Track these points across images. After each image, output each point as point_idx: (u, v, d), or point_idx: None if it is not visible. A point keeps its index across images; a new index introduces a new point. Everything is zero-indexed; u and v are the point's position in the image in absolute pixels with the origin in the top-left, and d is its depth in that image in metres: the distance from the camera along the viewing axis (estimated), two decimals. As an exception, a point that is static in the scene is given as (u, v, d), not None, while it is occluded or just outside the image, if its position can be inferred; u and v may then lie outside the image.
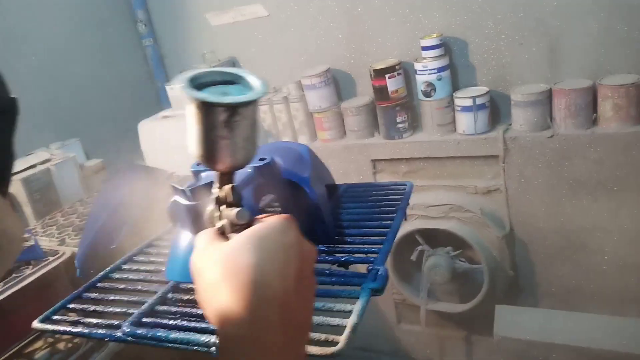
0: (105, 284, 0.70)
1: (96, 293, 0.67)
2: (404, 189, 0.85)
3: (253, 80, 0.46)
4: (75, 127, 1.82)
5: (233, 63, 2.02)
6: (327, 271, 0.62)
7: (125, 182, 1.53)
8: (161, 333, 0.54)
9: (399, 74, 1.71)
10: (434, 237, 1.77)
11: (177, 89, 2.01)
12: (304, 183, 0.66)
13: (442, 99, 1.67)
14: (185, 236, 0.58)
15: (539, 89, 1.56)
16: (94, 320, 0.59)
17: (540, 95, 1.55)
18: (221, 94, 0.43)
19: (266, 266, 0.37)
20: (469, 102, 1.62)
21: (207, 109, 0.42)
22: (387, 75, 1.69)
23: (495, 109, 1.69)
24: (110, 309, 0.62)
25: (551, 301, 1.75)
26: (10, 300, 1.10)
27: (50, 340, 1.26)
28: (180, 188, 0.56)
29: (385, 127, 1.77)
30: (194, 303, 0.60)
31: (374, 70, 1.71)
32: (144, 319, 0.57)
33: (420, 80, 1.67)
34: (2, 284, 1.13)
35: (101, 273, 0.71)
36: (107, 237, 1.35)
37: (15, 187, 1.52)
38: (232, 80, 0.47)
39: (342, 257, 0.65)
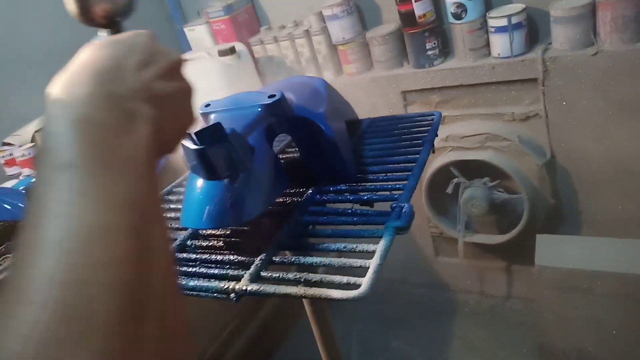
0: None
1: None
2: (432, 120, 0.79)
3: None
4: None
5: (251, -1, 1.93)
6: (349, 210, 0.59)
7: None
8: (180, 281, 0.52)
9: (426, -4, 1.59)
10: (470, 169, 1.71)
11: (196, 30, 1.95)
12: (318, 119, 0.62)
13: (474, 20, 1.55)
14: (198, 181, 0.56)
15: (581, 1, 1.42)
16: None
17: (582, 8, 1.41)
18: None
19: (106, 50, 0.38)
20: (503, 22, 1.50)
21: None
22: (413, -1, 1.58)
23: (533, 28, 1.57)
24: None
25: (595, 230, 1.68)
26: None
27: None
28: (187, 131, 0.53)
29: (414, 55, 1.67)
30: (213, 249, 0.59)
31: (399, -7, 1.60)
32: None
33: (450, 1, 1.55)
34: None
35: None
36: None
37: (45, 141, 1.53)
38: None
39: (364, 195, 0.62)
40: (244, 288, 0.49)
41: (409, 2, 1.58)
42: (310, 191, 0.64)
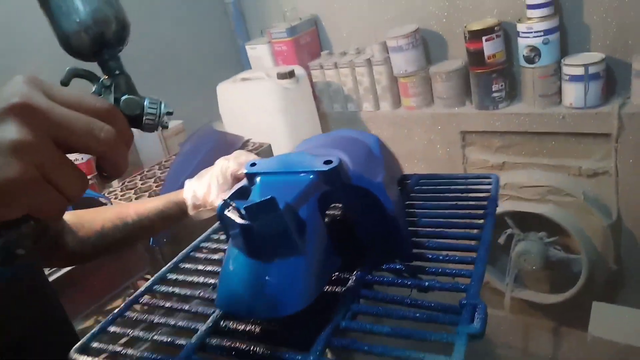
0: (150, 299, 0.64)
1: (139, 313, 0.61)
2: (490, 185, 0.71)
3: None
4: (156, 88, 1.82)
5: (315, 22, 1.90)
6: (408, 301, 0.52)
7: (201, 148, 1.50)
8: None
9: (497, 36, 1.51)
10: (526, 221, 1.61)
11: (257, 48, 1.94)
12: (377, 190, 0.56)
13: (547, 65, 1.47)
14: (238, 258, 0.50)
15: (670, 57, 1.32)
16: (137, 354, 0.53)
17: (671, 65, 1.31)
18: None
19: None
20: (580, 71, 1.41)
21: None
22: (484, 38, 1.50)
23: (611, 80, 1.46)
24: (155, 337, 0.56)
25: (658, 302, 1.55)
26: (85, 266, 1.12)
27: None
28: (233, 205, 0.48)
29: (479, 95, 1.59)
30: (250, 335, 0.53)
31: (469, 31, 1.52)
32: (194, 358, 0.51)
33: (523, 44, 1.47)
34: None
35: (144, 286, 0.66)
36: (181, 206, 1.34)
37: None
38: None
39: (425, 281, 0.55)
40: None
41: (478, 41, 1.51)
42: (359, 270, 0.59)
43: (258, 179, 0.55)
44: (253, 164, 0.56)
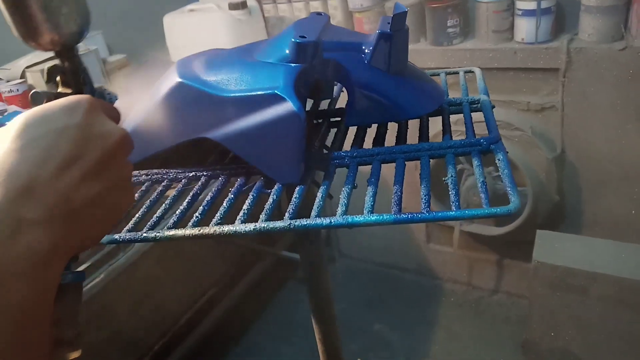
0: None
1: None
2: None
3: None
4: (98, 20, 1.68)
5: (267, -48, 1.82)
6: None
7: (150, 80, 1.42)
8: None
9: (454, -31, 1.51)
10: (475, 156, 1.65)
11: (205, -20, 1.83)
12: None
13: (501, 0, 1.48)
14: (371, 73, 0.57)
15: (616, -8, 1.36)
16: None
17: (617, 0, 1.35)
18: None
19: (23, 152, 0.31)
20: (532, 6, 1.43)
21: None
22: (441, -29, 1.50)
23: (561, 16, 1.50)
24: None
25: (595, 231, 1.65)
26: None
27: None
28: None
29: (434, 31, 1.59)
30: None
31: (426, -37, 1.51)
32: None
33: (479, -23, 1.48)
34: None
35: None
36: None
37: (36, 78, 1.43)
38: None
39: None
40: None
41: (435, -26, 1.50)
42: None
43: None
44: (303, 36, 0.57)
